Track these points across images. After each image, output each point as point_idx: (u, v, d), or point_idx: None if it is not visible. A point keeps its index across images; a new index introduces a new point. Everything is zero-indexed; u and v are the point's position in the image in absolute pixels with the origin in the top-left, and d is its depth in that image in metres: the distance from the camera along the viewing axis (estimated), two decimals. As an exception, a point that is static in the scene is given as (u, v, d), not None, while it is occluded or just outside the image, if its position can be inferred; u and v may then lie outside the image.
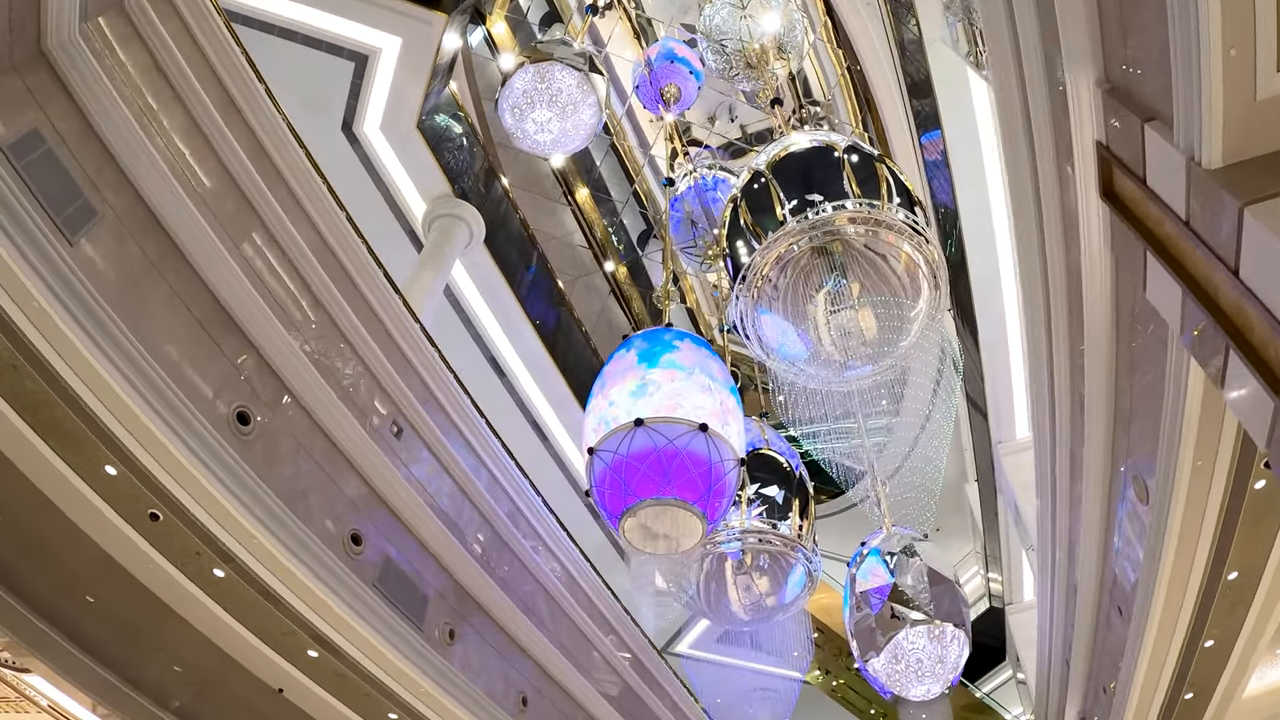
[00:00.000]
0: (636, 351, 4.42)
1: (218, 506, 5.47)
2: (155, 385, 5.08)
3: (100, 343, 4.76)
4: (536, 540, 9.34)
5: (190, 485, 5.32)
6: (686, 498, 4.35)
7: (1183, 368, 5.10)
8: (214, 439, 5.39)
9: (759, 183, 5.56)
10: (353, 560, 6.44)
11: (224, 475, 5.44)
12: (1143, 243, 4.64)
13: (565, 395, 14.55)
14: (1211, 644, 7.43)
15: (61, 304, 4.53)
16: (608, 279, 15.79)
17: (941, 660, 6.67)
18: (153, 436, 5.06)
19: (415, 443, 7.56)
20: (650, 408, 4.11)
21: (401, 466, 7.12)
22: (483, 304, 13.43)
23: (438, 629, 7.40)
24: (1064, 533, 8.91)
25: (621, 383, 4.31)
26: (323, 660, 6.69)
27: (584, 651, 10.20)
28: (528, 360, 14.09)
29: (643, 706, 11.64)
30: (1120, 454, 6.86)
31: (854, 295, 5.68)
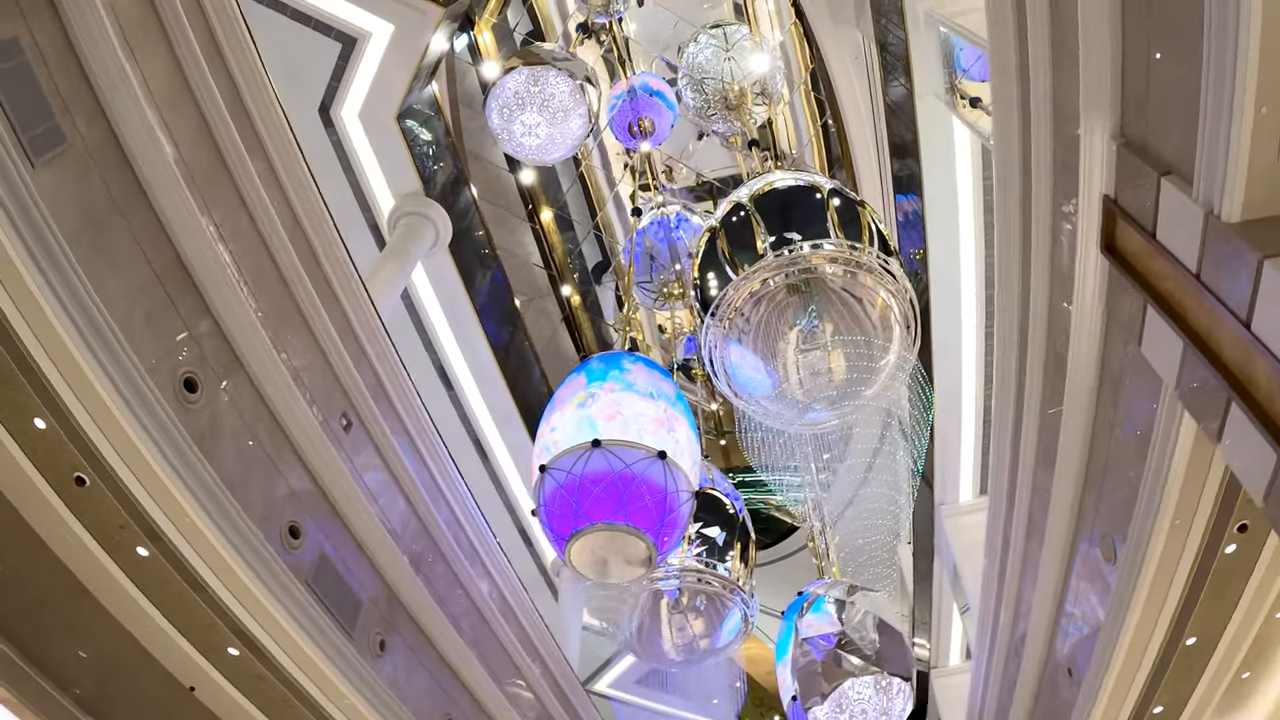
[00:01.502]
0: (586, 372, 4.41)
1: (152, 477, 5.07)
2: (102, 333, 4.69)
3: (50, 276, 4.38)
4: (474, 557, 9.00)
5: (125, 449, 4.92)
6: (640, 526, 4.20)
7: (1173, 424, 5.07)
8: (158, 402, 5.01)
9: (739, 215, 5.49)
10: (288, 554, 6.06)
11: (164, 443, 5.05)
12: (1143, 296, 4.71)
13: (511, 413, 14.31)
14: (1160, 710, 7.33)
15: (14, 227, 4.15)
16: (562, 305, 15.61)
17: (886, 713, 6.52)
18: (91, 389, 4.67)
19: (363, 440, 7.21)
20: (593, 413, 4.11)
21: (348, 461, 6.77)
22: (439, 310, 13.18)
23: (368, 638, 7.01)
24: (1012, 594, 8.81)
25: (568, 404, 4.27)
26: (243, 660, 6.27)
27: (511, 678, 9.83)
28: (477, 373, 13.83)
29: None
30: (1088, 512, 6.79)
31: (827, 336, 5.61)
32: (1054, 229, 6.09)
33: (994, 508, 8.98)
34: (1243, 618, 6.52)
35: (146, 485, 5.08)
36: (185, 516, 5.23)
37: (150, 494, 5.11)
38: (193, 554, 5.43)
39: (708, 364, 5.66)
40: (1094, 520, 6.69)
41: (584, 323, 16.03)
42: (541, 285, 15.38)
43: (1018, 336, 7.40)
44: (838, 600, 6.75)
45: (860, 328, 5.55)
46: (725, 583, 6.24)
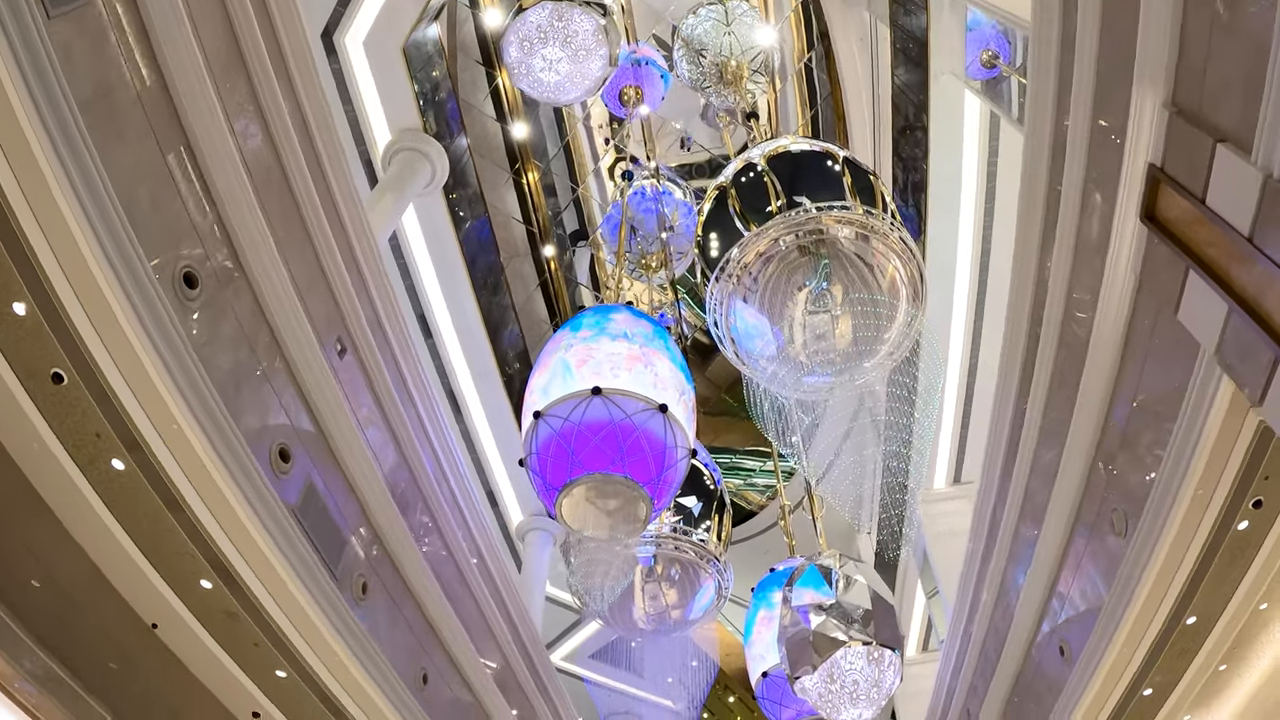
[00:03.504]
0: (570, 325, 4.29)
1: (141, 376, 4.67)
2: (105, 210, 4.31)
3: (54, 135, 3.98)
4: (456, 510, 8.73)
5: (115, 343, 4.53)
6: (638, 479, 3.97)
7: (1207, 391, 5.07)
8: (155, 292, 4.62)
9: (750, 175, 5.34)
10: (277, 479, 5.72)
11: (157, 338, 4.66)
12: (1185, 262, 4.73)
13: (490, 369, 14.04)
14: (1150, 693, 7.27)
15: (20, 72, 3.75)
16: (540, 268, 15.33)
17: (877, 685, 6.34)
18: (86, 272, 4.27)
19: (357, 369, 6.90)
20: (568, 357, 3.99)
21: (341, 388, 6.45)
22: (426, 255, 12.89)
23: (351, 580, 6.69)
24: (998, 573, 8.72)
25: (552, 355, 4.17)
26: (215, 594, 5.91)
27: (485, 639, 9.58)
28: (460, 326, 13.55)
29: (528, 705, 11.07)
30: (1096, 487, 6.70)
31: (836, 300, 5.49)
32: (1084, 201, 6.10)
33: (985, 487, 8.91)
34: (1240, 601, 6.48)
35: (134, 385, 4.68)
36: (173, 423, 4.85)
37: (137, 395, 4.72)
38: (175, 468, 5.05)
39: (711, 323, 5.48)
40: (1103, 495, 6.59)
41: (561, 287, 15.77)
42: (520, 246, 15.09)
43: (1030, 311, 7.34)
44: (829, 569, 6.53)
45: (870, 301, 5.41)
46: (702, 551, 6.03)
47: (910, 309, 5.24)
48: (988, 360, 12.42)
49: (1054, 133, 6.32)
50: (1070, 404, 6.76)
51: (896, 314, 5.25)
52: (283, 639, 6.26)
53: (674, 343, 4.50)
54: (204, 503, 5.25)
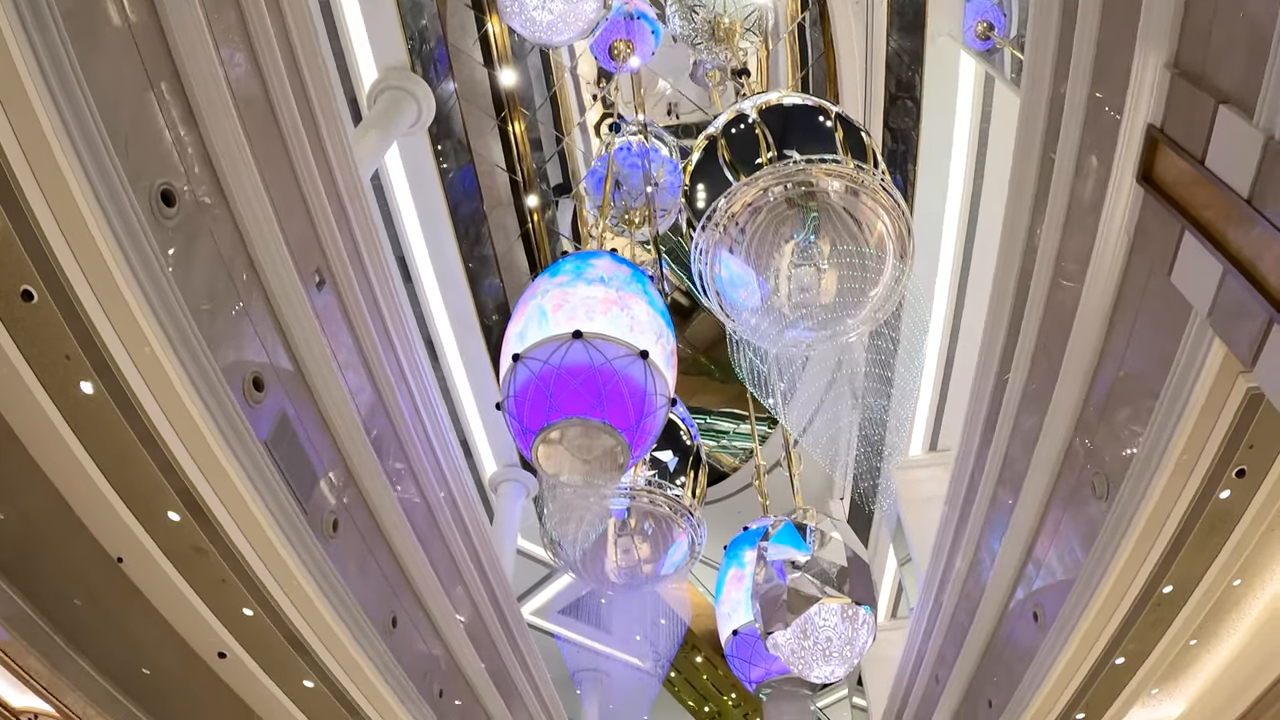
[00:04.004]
0: (549, 270, 4.25)
1: (114, 295, 4.50)
2: (84, 121, 4.13)
3: (37, 47, 3.81)
4: (430, 452, 8.62)
5: (89, 259, 4.35)
6: (617, 425, 3.91)
7: (1197, 354, 5.06)
8: (131, 208, 4.44)
9: (741, 126, 5.28)
10: (250, 408, 5.58)
11: (133, 256, 4.48)
12: (1180, 223, 4.72)
13: (470, 317, 13.90)
14: (1122, 661, 7.29)
15: None
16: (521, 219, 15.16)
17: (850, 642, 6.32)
18: (61, 183, 4.08)
19: (334, 302, 6.76)
20: (545, 303, 3.94)
21: (318, 320, 6.31)
22: (409, 198, 12.72)
23: (322, 516, 6.57)
24: (973, 539, 8.72)
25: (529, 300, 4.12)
26: (184, 527, 5.78)
27: (455, 585, 9.51)
28: (441, 271, 13.41)
29: (497, 657, 11.03)
30: (1078, 451, 6.67)
31: (823, 254, 5.46)
32: (1079, 162, 6.05)
33: (964, 452, 8.90)
34: (1217, 572, 6.49)
35: (106, 305, 4.51)
36: (145, 345, 4.69)
37: (109, 315, 4.55)
38: (146, 392, 4.89)
39: (695, 273, 5.42)
40: (1085, 459, 6.57)
41: (543, 239, 15.61)
42: (503, 195, 14.91)
43: (1018, 274, 7.31)
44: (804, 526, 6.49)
45: (857, 254, 5.36)
46: (676, 505, 5.97)
47: (897, 265, 5.21)
48: (969, 329, 12.41)
49: (1051, 94, 6.28)
50: (1055, 368, 6.73)
51: (883, 270, 5.22)
52: (251, 575, 6.15)
53: (653, 287, 4.43)
54: (174, 430, 5.10)
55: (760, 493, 7.69)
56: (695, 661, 21.81)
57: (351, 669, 7.21)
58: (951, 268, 12.59)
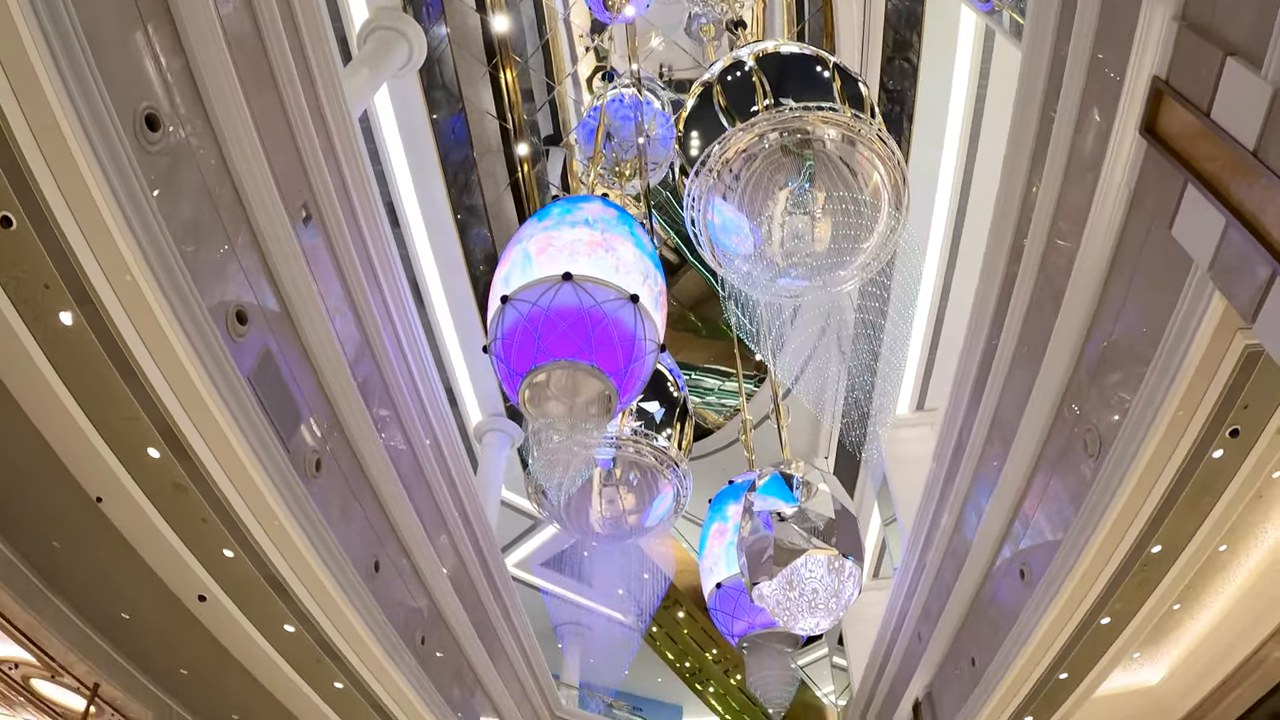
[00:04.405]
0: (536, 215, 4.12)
1: (95, 220, 4.36)
2: (69, 41, 3.98)
3: None
4: (416, 397, 8.53)
5: (69, 181, 4.20)
6: (605, 369, 3.85)
7: (1196, 308, 5.01)
8: (115, 131, 4.29)
9: (738, 73, 5.17)
10: (233, 341, 5.46)
11: (115, 180, 4.34)
12: (1184, 176, 4.66)
13: (458, 263, 13.77)
14: (1108, 621, 7.29)
15: None
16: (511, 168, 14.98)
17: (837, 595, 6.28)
18: (41, 100, 3.93)
19: (321, 239, 6.64)
20: (529, 247, 3.85)
21: (304, 255, 6.18)
22: (398, 140, 12.55)
23: (305, 456, 6.47)
24: (960, 497, 8.69)
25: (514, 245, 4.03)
26: (164, 464, 5.68)
27: (439, 534, 9.45)
28: (429, 216, 13.25)
29: (480, 607, 11.01)
30: (1070, 407, 6.61)
31: (818, 203, 5.39)
32: (1081, 115, 5.95)
33: (952, 410, 8.85)
34: (1207, 534, 6.46)
35: (87, 231, 4.38)
36: (126, 273, 4.57)
37: (90, 242, 4.43)
38: (126, 322, 4.77)
39: (687, 220, 5.34)
40: (1078, 415, 6.51)
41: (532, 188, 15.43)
42: (493, 142, 14.72)
43: (1014, 230, 7.24)
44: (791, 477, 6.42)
45: (851, 201, 5.29)
46: (662, 457, 5.89)
47: (892, 214, 5.15)
48: (960, 291, 12.34)
49: (1054, 46, 6.16)
50: (1049, 324, 6.68)
51: (878, 220, 5.17)
52: (231, 515, 6.06)
53: (640, 229, 4.37)
54: (155, 362, 4.98)
55: (746, 447, 7.62)
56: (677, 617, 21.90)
57: (333, 613, 7.15)
58: (944, 229, 12.49)
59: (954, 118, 11.85)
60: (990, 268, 7.70)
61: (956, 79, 11.74)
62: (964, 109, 11.82)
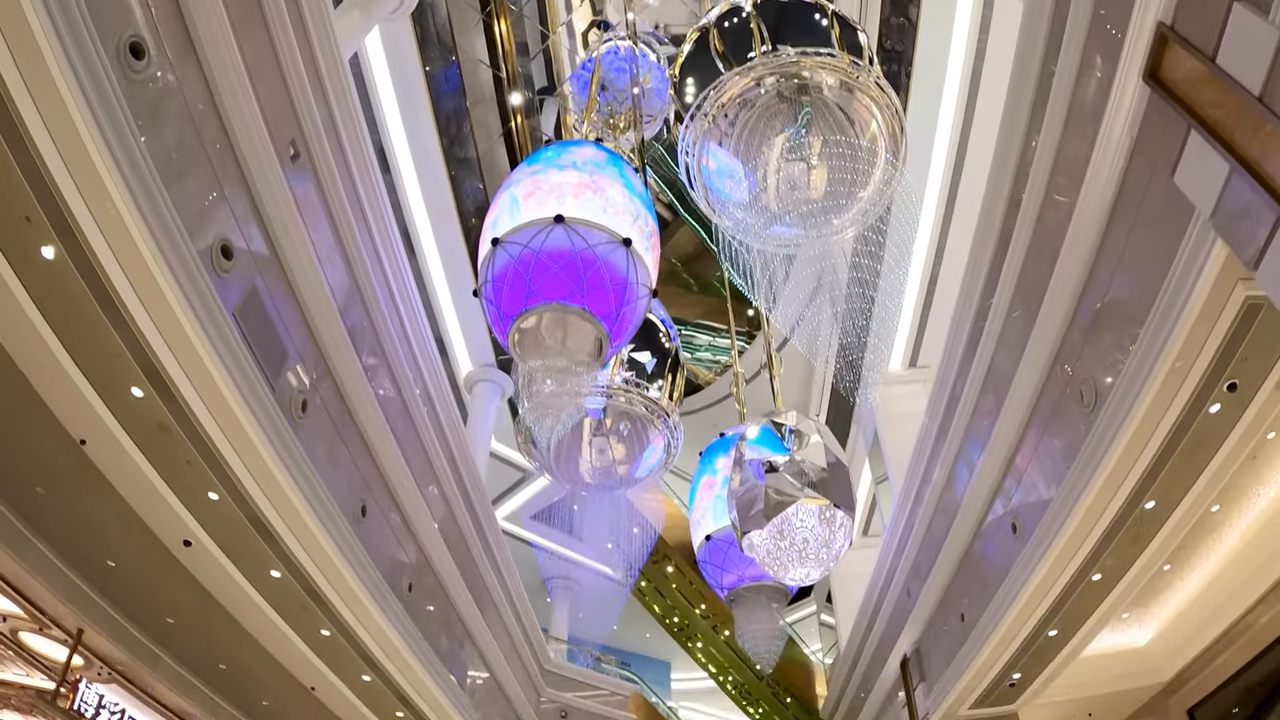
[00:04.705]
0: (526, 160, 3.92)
1: (78, 149, 4.23)
2: None
3: None
4: (405, 342, 8.43)
5: (51, 109, 4.07)
6: (596, 312, 3.83)
7: (1197, 257, 4.93)
8: (98, 56, 4.16)
9: (735, 19, 5.08)
10: (219, 276, 5.35)
11: (98, 107, 4.21)
12: (1187, 122, 4.60)
13: (449, 214, 13.62)
14: (1099, 578, 7.28)
15: None
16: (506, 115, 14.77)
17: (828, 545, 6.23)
18: (23, 24, 3.81)
19: (308, 177, 6.52)
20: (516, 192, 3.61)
21: (291, 192, 6.06)
22: (389, 85, 12.38)
23: (290, 396, 6.38)
24: (952, 451, 8.64)
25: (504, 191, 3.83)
26: (147, 403, 5.59)
27: (428, 482, 9.39)
28: (420, 163, 13.09)
29: (470, 558, 10.98)
30: (1067, 358, 6.55)
31: (814, 151, 5.31)
32: (1083, 62, 5.91)
33: (946, 364, 8.82)
34: (1200, 491, 6.43)
35: (70, 160, 4.26)
36: (109, 205, 4.45)
37: (72, 172, 4.30)
38: (108, 254, 4.66)
39: (681, 166, 5.27)
40: (1075, 365, 6.45)
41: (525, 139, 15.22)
42: (486, 91, 14.50)
43: (1011, 182, 7.17)
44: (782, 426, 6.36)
45: (849, 149, 5.21)
46: (653, 406, 5.82)
47: (890, 162, 5.09)
48: (954, 248, 12.25)
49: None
50: (1046, 276, 6.62)
51: (874, 169, 5.12)
52: (216, 456, 5.98)
53: (631, 171, 4.30)
54: (138, 296, 4.88)
55: (738, 400, 7.56)
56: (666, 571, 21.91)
57: (319, 558, 7.09)
58: (939, 187, 12.37)
59: (952, 74, 11.71)
60: (987, 220, 7.64)
61: (956, 34, 11.59)
62: (963, 65, 11.68)
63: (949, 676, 9.55)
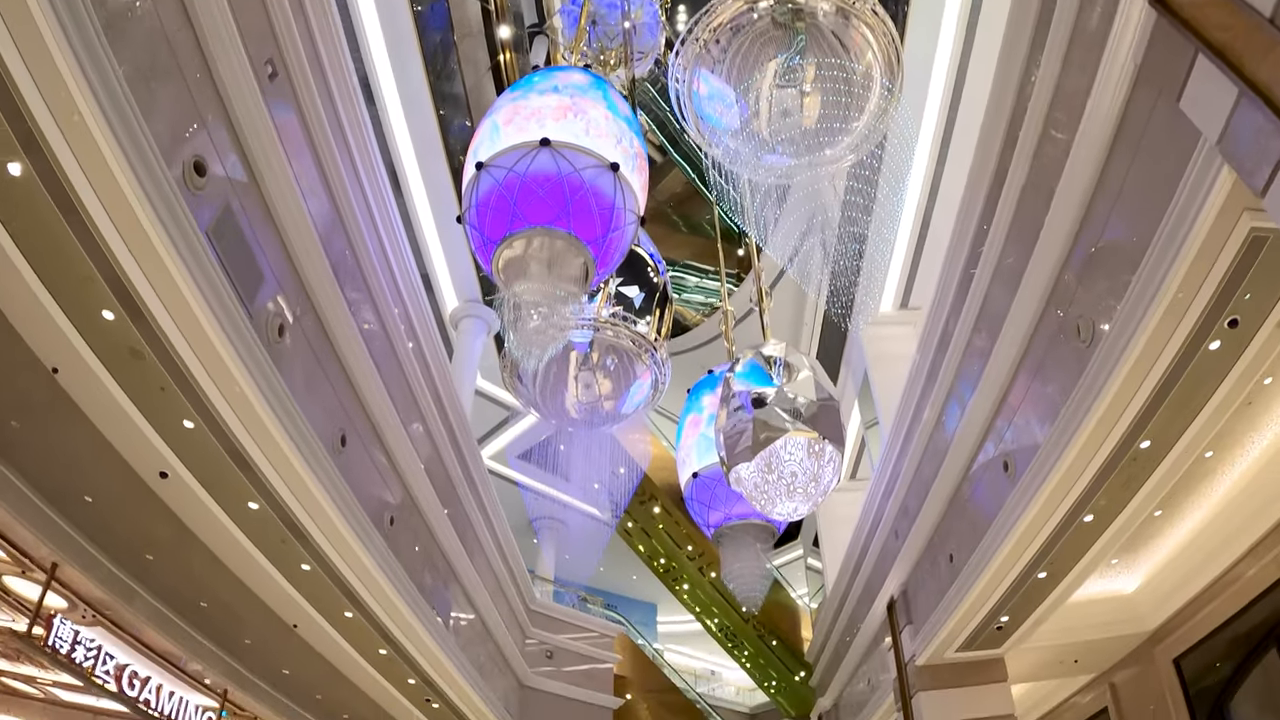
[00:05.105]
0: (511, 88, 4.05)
1: (41, 56, 4.03)
2: None
3: None
4: (389, 272, 8.24)
5: (12, 13, 3.86)
6: (583, 237, 3.79)
7: (1202, 184, 4.79)
8: None
9: None
10: (191, 193, 5.14)
11: (63, 12, 4.01)
12: (1194, 46, 4.45)
13: (435, 145, 13.39)
14: (1090, 519, 7.19)
15: None
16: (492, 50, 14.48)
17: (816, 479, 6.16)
18: None
19: (287, 97, 6.30)
20: (497, 119, 3.77)
21: (268, 109, 5.84)
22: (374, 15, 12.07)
23: (266, 319, 6.20)
24: (943, 390, 8.53)
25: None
26: (118, 326, 5.41)
27: (410, 410, 9.24)
28: (406, 95, 12.84)
29: (453, 492, 10.88)
30: (1064, 291, 6.42)
31: (808, 78, 5.22)
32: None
33: (939, 299, 8.70)
34: (1196, 433, 6.33)
35: (34, 68, 4.05)
36: (75, 115, 4.24)
37: (36, 79, 4.09)
38: (76, 168, 4.46)
39: (672, 94, 5.17)
40: (1072, 300, 6.32)
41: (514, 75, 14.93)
42: (474, 24, 14.18)
43: (1010, 113, 7.03)
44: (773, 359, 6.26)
45: (844, 77, 5.09)
46: (641, 340, 5.73)
47: (885, 87, 5.00)
48: (949, 189, 12.08)
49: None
50: (1043, 209, 6.48)
51: (869, 98, 5.02)
52: (190, 382, 5.82)
53: (615, 93, 4.19)
54: (107, 213, 4.68)
55: (726, 338, 7.49)
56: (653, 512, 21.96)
57: (298, 488, 6.96)
58: (934, 126, 12.17)
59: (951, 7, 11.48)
60: (985, 149, 7.51)
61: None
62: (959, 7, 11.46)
63: (936, 618, 9.52)
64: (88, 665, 8.81)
